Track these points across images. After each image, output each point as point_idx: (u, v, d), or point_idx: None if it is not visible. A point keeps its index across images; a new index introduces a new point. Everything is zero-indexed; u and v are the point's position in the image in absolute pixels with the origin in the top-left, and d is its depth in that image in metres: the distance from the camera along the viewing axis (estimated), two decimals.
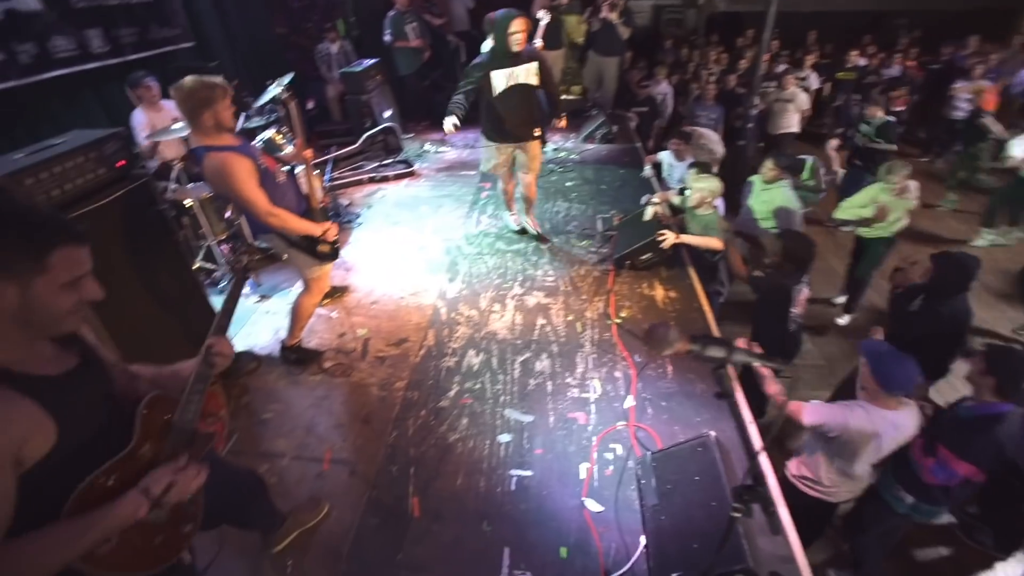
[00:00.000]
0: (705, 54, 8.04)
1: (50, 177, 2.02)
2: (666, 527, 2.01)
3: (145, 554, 1.18)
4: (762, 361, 1.00)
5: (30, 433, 0.97)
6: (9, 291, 0.94)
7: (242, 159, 2.29)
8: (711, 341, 1.04)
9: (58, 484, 1.03)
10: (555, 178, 5.41)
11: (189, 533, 1.29)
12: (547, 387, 2.86)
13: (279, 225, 2.44)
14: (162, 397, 1.27)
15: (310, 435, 2.64)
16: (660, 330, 1.07)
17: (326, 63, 6.57)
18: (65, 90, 3.93)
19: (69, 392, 1.06)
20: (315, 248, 2.66)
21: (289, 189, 2.60)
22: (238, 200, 2.33)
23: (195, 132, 2.28)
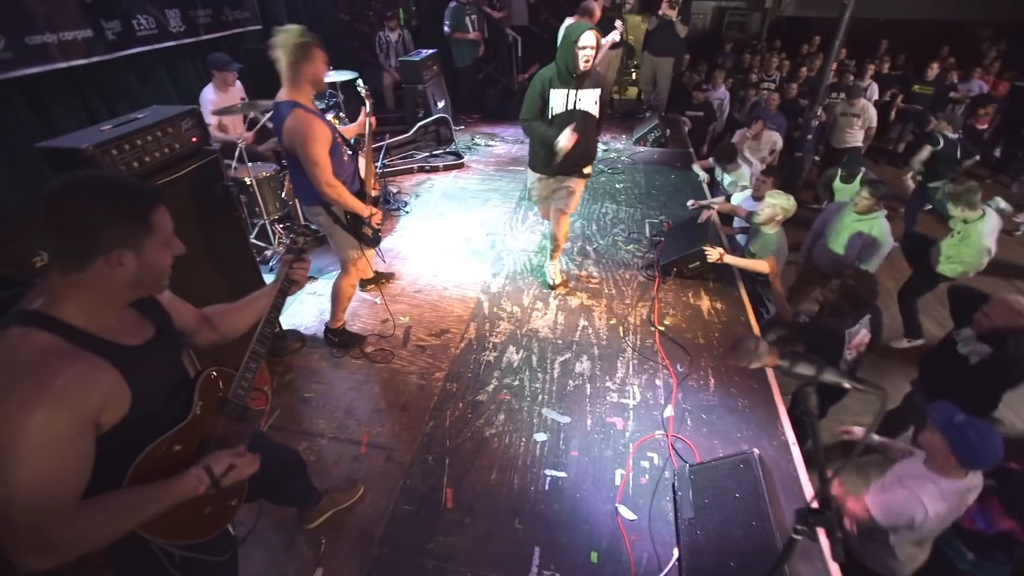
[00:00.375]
0: (766, 60, 7.77)
1: (132, 149, 2.11)
2: (701, 542, 1.97)
3: (195, 523, 1.23)
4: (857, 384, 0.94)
5: (110, 399, 1.01)
6: (128, 258, 1.01)
7: (324, 126, 2.37)
8: (801, 357, 1.00)
9: (123, 450, 1.08)
10: (604, 179, 5.35)
11: (235, 507, 1.33)
12: (586, 389, 2.84)
13: (334, 196, 2.48)
14: (219, 370, 1.32)
15: (349, 417, 2.69)
16: (749, 342, 1.04)
17: (384, 51, 6.67)
18: (142, 66, 4.13)
19: (146, 363, 1.11)
20: (359, 229, 2.71)
21: (349, 169, 2.65)
22: (307, 160, 2.37)
23: (289, 87, 2.33)
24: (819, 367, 0.98)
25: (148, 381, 1.10)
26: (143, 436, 1.12)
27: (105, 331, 1.04)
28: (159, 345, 1.18)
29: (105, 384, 1.00)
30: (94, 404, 0.98)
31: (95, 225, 0.97)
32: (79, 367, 0.96)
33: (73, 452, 0.96)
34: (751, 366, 1.06)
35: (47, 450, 0.91)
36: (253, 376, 1.35)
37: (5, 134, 3.21)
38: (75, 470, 0.97)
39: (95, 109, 3.81)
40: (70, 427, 0.94)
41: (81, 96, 3.74)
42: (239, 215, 2.70)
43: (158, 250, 1.07)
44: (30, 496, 0.91)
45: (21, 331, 0.96)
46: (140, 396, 1.06)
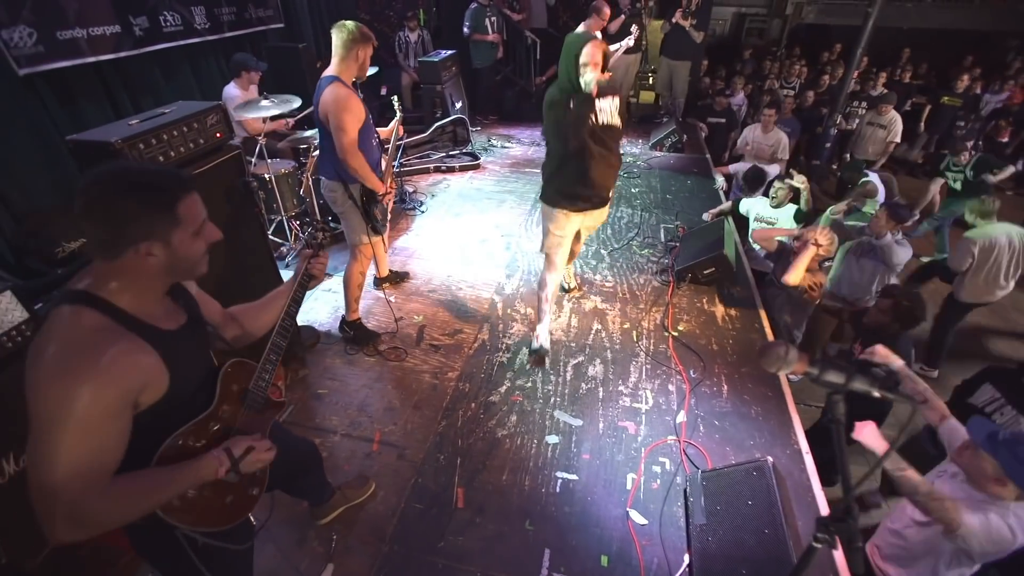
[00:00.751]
0: (786, 67, 7.70)
1: (159, 143, 2.14)
2: (713, 549, 1.96)
3: (218, 510, 1.26)
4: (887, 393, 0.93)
5: (151, 380, 1.05)
6: (157, 250, 1.03)
7: (360, 104, 2.58)
8: (830, 365, 0.99)
9: (153, 432, 1.11)
10: (620, 183, 5.32)
11: (256, 496, 1.36)
12: (598, 393, 2.83)
13: (355, 165, 2.61)
14: (241, 362, 1.35)
15: (362, 414, 2.71)
16: (779, 348, 1.03)
17: (404, 51, 6.72)
18: (167, 62, 4.20)
19: (182, 347, 1.14)
20: (370, 210, 2.82)
21: (375, 155, 2.79)
22: (337, 128, 2.53)
23: (337, 65, 2.57)
24: (849, 375, 0.97)
25: (184, 365, 1.13)
26: (174, 419, 1.16)
27: (145, 314, 1.07)
28: (190, 331, 1.21)
29: (147, 365, 1.04)
30: (137, 383, 1.02)
31: (122, 218, 1.00)
32: (124, 347, 1.00)
33: (114, 428, 1.00)
34: (780, 372, 1.05)
35: (92, 424, 0.95)
36: (274, 368, 1.38)
37: (33, 126, 3.28)
38: (114, 446, 1.01)
39: (120, 103, 3.88)
40: (114, 403, 0.98)
41: (108, 90, 3.81)
42: (259, 210, 2.73)
43: (187, 240, 1.08)
44: (72, 467, 0.94)
45: (71, 309, 1.00)
46: (177, 379, 1.10)
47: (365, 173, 2.67)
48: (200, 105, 2.43)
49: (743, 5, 8.94)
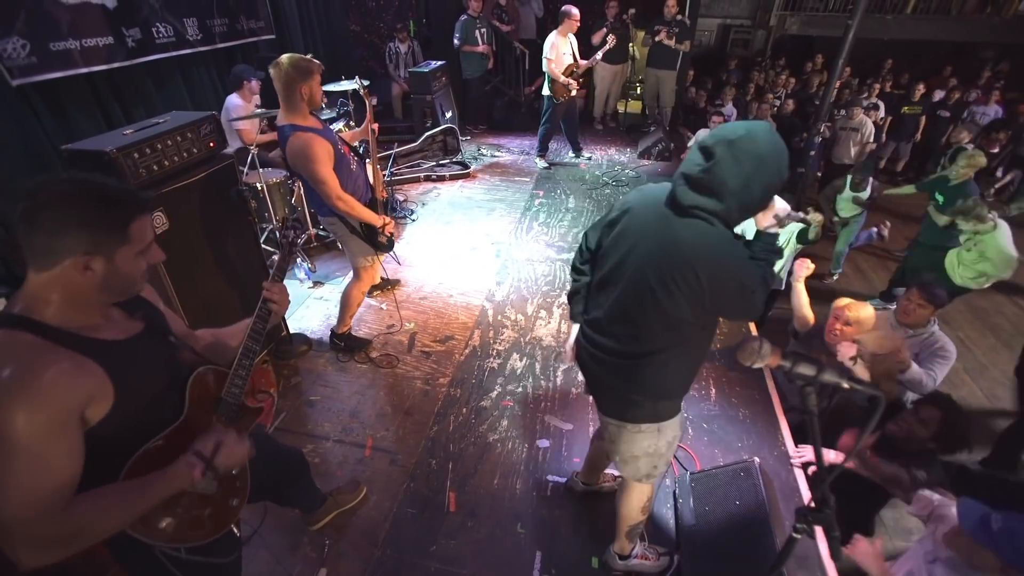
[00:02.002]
0: (770, 77, 7.87)
1: (153, 152, 2.17)
2: (701, 548, 2.00)
3: (196, 524, 1.23)
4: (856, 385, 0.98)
5: (95, 393, 1.02)
6: (97, 264, 1.02)
7: (324, 142, 2.40)
8: (802, 358, 1.04)
9: (113, 449, 1.08)
10: (609, 191, 5.42)
11: (236, 507, 1.33)
12: (588, 397, 2.86)
13: (345, 209, 2.54)
14: (212, 370, 1.32)
15: (354, 420, 2.73)
16: (753, 343, 1.07)
17: (394, 62, 6.80)
18: (159, 73, 4.22)
19: (131, 357, 1.11)
20: (374, 237, 2.77)
21: (359, 177, 2.71)
22: (313, 180, 2.43)
23: (286, 108, 2.39)
24: (819, 368, 1.02)
25: (132, 375, 1.10)
26: (134, 432, 1.12)
27: (84, 328, 1.06)
28: (145, 341, 1.19)
29: (88, 380, 1.02)
30: (79, 400, 1.00)
31: (69, 227, 0.98)
32: (62, 366, 0.98)
33: (61, 448, 0.98)
34: (755, 366, 1.09)
35: (33, 448, 0.93)
36: (247, 374, 1.34)
37: (24, 136, 3.28)
38: (64, 466, 0.98)
39: (112, 113, 3.89)
40: (55, 424, 0.96)
41: (99, 100, 3.82)
42: (251, 219, 2.75)
43: (131, 259, 1.06)
44: (21, 493, 0.93)
45: (4, 334, 0.98)
46: (124, 389, 1.07)
47: (358, 212, 2.59)
48: (194, 115, 2.47)
49: (728, 16, 9.14)
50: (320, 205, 2.63)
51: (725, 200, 1.30)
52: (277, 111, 2.51)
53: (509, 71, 7.52)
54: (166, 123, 2.35)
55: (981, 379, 4.11)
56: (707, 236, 1.32)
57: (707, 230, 1.32)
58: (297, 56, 2.38)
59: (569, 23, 5.21)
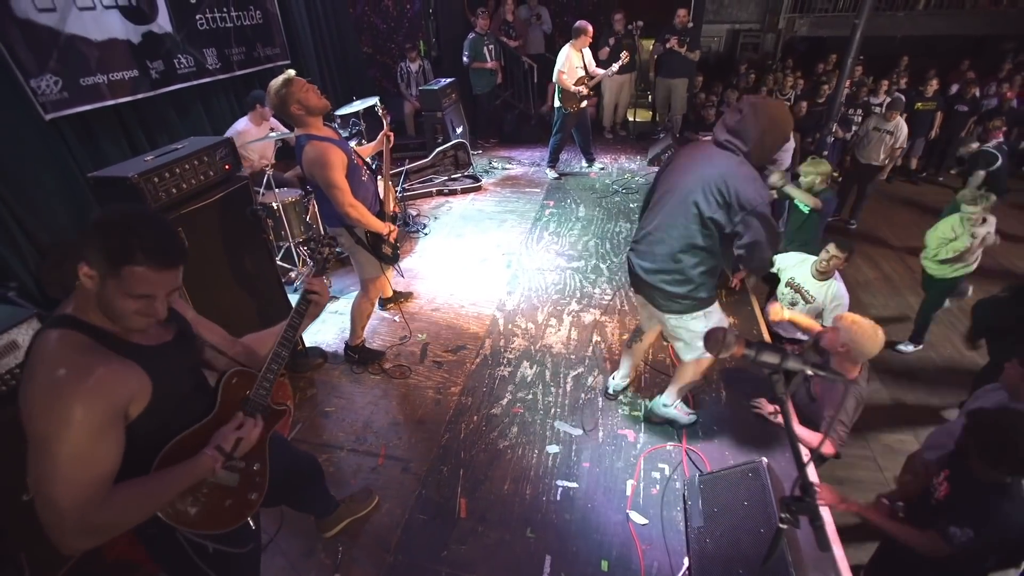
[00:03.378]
0: (780, 79, 7.81)
1: (171, 177, 2.30)
2: (710, 550, 1.98)
3: (217, 514, 1.32)
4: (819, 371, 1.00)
5: (137, 392, 1.12)
6: (93, 276, 1.08)
7: (338, 151, 2.49)
8: (765, 347, 1.07)
9: (145, 444, 1.18)
10: (619, 199, 5.44)
11: (255, 501, 1.42)
12: (598, 403, 2.88)
13: (355, 217, 2.61)
14: (244, 372, 1.43)
15: (368, 430, 2.79)
16: (718, 333, 1.11)
17: (405, 81, 6.98)
18: (181, 101, 4.43)
19: (162, 361, 1.21)
20: (379, 248, 2.85)
21: (369, 189, 2.80)
22: (326, 186, 2.50)
23: (296, 125, 2.51)
24: (783, 355, 1.04)
25: (168, 377, 1.20)
26: (166, 428, 1.22)
27: (122, 332, 1.15)
28: (174, 347, 1.28)
29: (131, 379, 1.11)
30: (124, 397, 1.10)
31: (91, 239, 1.07)
32: (110, 364, 1.08)
33: (107, 441, 1.08)
34: (721, 355, 1.12)
35: (85, 439, 1.03)
36: (275, 377, 1.44)
37: (56, 165, 3.48)
38: (108, 457, 1.08)
39: (137, 141, 4.09)
40: (104, 418, 1.06)
41: (125, 129, 4.03)
42: (267, 237, 2.86)
43: (117, 294, 1.08)
44: (73, 480, 1.02)
45: (58, 333, 1.08)
46: (160, 389, 1.17)
47: (367, 220, 2.66)
48: (210, 140, 2.60)
49: (736, 22, 9.13)
50: (329, 216, 2.73)
51: (748, 143, 1.93)
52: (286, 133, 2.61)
53: (518, 85, 7.65)
54: (184, 148, 2.49)
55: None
56: (740, 165, 1.94)
57: (740, 160, 1.94)
58: (274, 83, 2.41)
59: (584, 38, 5.31)
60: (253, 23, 5.03)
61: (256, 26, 5.07)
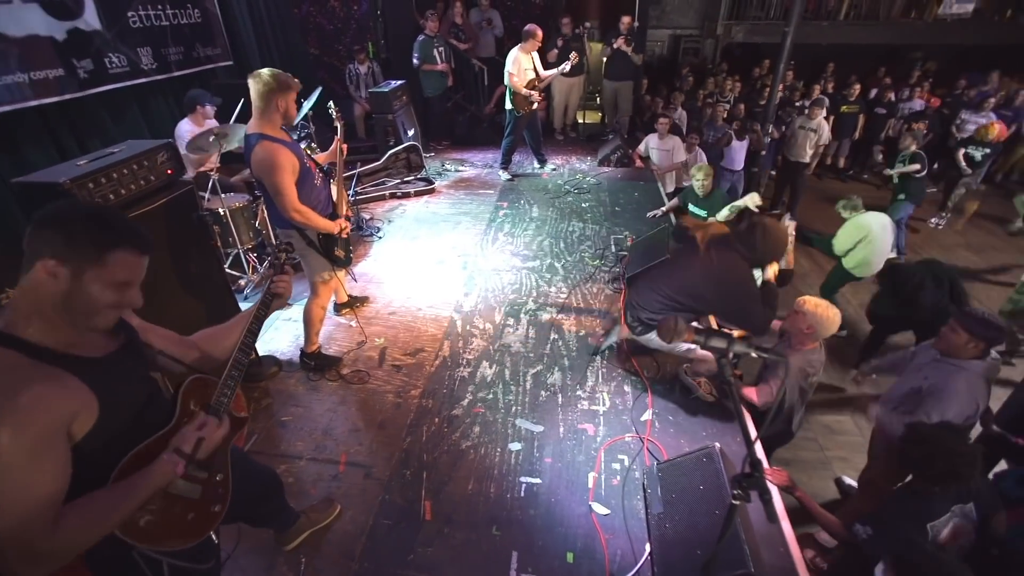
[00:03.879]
0: (719, 82, 8.22)
1: (108, 182, 2.19)
2: (670, 534, 2.07)
3: (179, 528, 1.27)
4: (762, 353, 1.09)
5: (80, 409, 1.05)
6: (62, 273, 1.02)
7: (289, 154, 2.47)
8: (713, 333, 1.15)
9: (101, 460, 1.12)
10: (571, 199, 5.55)
11: (218, 512, 1.37)
12: (558, 399, 2.95)
13: (301, 221, 2.59)
14: (203, 379, 1.38)
15: (327, 438, 2.74)
16: (669, 322, 1.18)
17: (354, 83, 6.86)
18: (114, 103, 4.20)
19: (110, 373, 1.14)
20: (331, 250, 2.83)
21: (322, 192, 2.78)
22: (273, 189, 2.47)
23: (258, 118, 2.46)
24: (729, 341, 1.12)
25: (114, 389, 1.13)
26: (123, 442, 1.16)
27: (64, 344, 1.07)
28: (122, 356, 1.21)
29: (72, 396, 1.04)
30: (63, 416, 1.02)
31: (51, 229, 1.01)
32: (45, 384, 1.00)
33: (47, 465, 1.00)
34: (672, 342, 1.19)
35: (20, 466, 0.95)
36: (236, 384, 1.40)
37: None
38: (51, 480, 1.01)
39: (67, 146, 3.85)
40: (40, 442, 0.98)
41: (52, 133, 3.79)
42: (214, 244, 2.76)
43: (99, 284, 1.06)
44: (12, 510, 0.95)
45: None
46: (108, 403, 1.09)
47: (315, 222, 2.64)
48: (149, 143, 2.49)
49: (677, 27, 9.51)
50: (278, 217, 2.68)
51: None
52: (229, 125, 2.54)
53: (469, 87, 7.67)
54: (121, 152, 2.38)
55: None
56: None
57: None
58: (278, 71, 2.48)
59: (532, 42, 5.37)
60: (191, 22, 4.83)
61: (195, 25, 4.86)
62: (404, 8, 7.10)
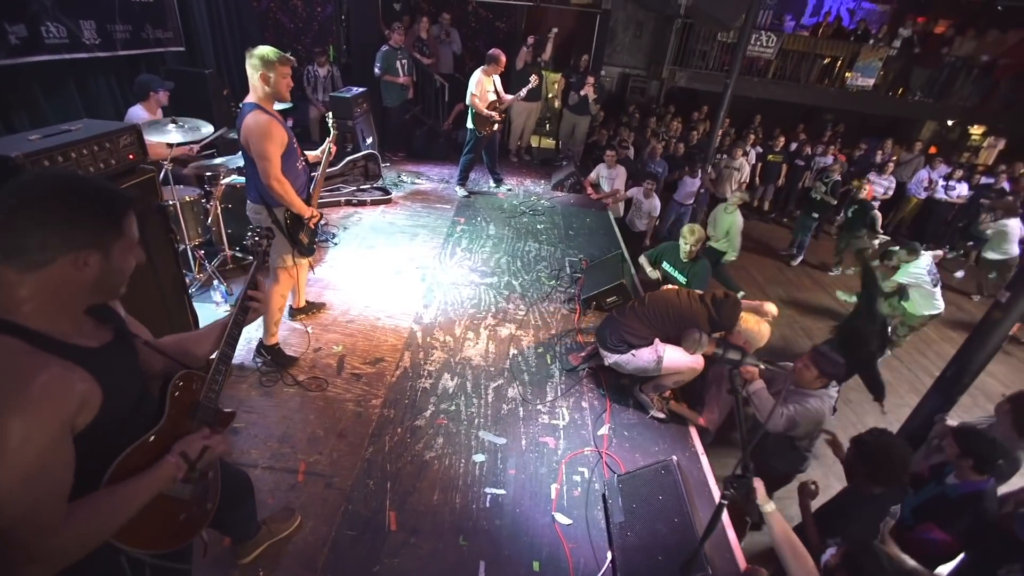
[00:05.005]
0: (664, 121, 8.84)
1: (65, 162, 2.02)
2: (632, 542, 2.19)
3: (170, 530, 1.22)
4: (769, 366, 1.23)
5: (85, 401, 0.99)
6: (94, 259, 0.99)
7: (281, 129, 2.60)
8: (730, 346, 1.29)
9: (96, 454, 1.06)
10: (527, 220, 5.72)
11: (210, 511, 1.33)
12: (519, 412, 3.02)
13: (280, 191, 2.63)
14: (191, 374, 1.32)
15: (284, 446, 2.63)
16: (695, 334, 1.30)
17: (312, 85, 6.70)
18: (46, 76, 3.84)
19: (109, 364, 1.09)
20: (296, 234, 2.85)
21: (301, 179, 2.83)
22: (259, 154, 2.55)
23: (253, 92, 2.58)
24: (743, 354, 1.27)
25: (117, 381, 1.09)
26: (119, 438, 1.11)
27: (63, 334, 1.02)
28: (117, 348, 1.16)
29: (79, 386, 0.99)
30: (72, 407, 0.97)
31: (70, 221, 0.96)
32: (54, 371, 0.94)
33: (58, 456, 0.95)
34: (696, 353, 1.32)
35: (33, 460, 0.90)
36: (223, 379, 1.37)
37: None
38: (62, 472, 0.96)
39: None
40: (53, 433, 0.93)
41: None
42: (173, 236, 2.61)
43: (125, 254, 1.06)
44: (22, 507, 0.89)
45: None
46: (110, 396, 1.05)
47: (290, 198, 2.70)
48: (111, 125, 2.36)
49: (627, 66, 10.12)
50: (251, 189, 2.74)
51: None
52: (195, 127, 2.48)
53: (429, 102, 7.72)
54: (79, 131, 2.21)
55: None
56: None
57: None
58: (271, 48, 2.57)
59: (495, 67, 5.53)
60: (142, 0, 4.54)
61: (146, 4, 4.58)
62: (369, 15, 7.06)
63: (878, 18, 11.31)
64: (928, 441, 3.09)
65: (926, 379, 5.36)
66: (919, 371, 5.60)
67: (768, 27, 9.89)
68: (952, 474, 2.25)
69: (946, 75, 9.66)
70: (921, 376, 5.49)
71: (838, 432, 2.77)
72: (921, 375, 5.52)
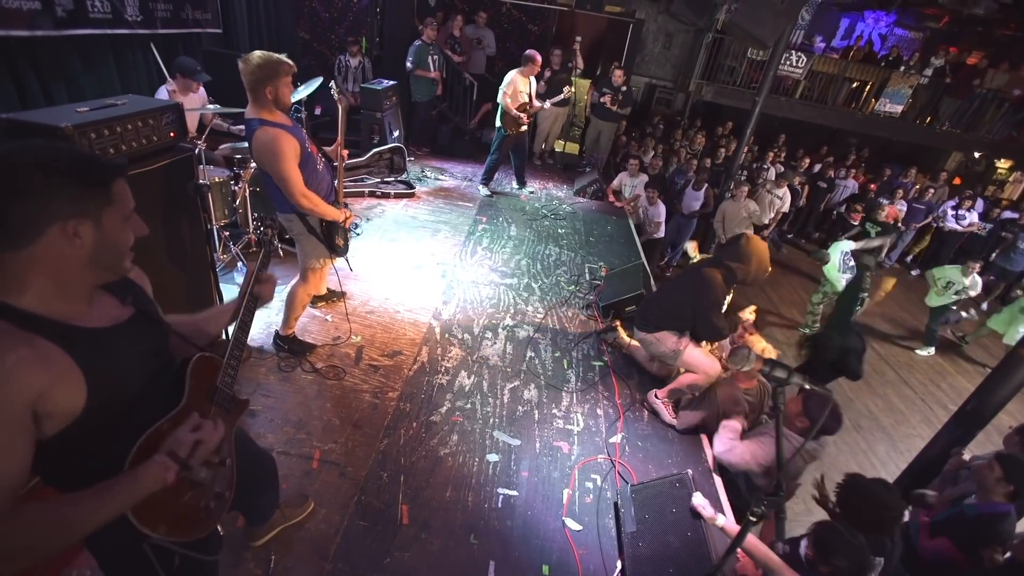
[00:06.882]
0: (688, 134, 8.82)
1: (111, 135, 2.05)
2: (644, 553, 2.18)
3: (199, 516, 1.20)
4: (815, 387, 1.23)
5: (52, 383, 0.91)
6: (86, 230, 0.94)
7: (291, 139, 2.41)
8: (776, 364, 1.29)
9: (105, 438, 1.03)
10: (548, 223, 5.71)
11: (228, 498, 1.31)
12: (534, 415, 3.01)
13: (308, 207, 2.53)
14: (208, 357, 1.29)
15: (300, 432, 2.64)
16: (743, 351, 1.30)
17: (343, 75, 6.74)
18: (87, 50, 3.90)
19: (109, 345, 1.03)
20: (332, 238, 2.78)
21: (325, 178, 2.74)
22: (277, 175, 2.42)
23: (253, 104, 2.38)
24: (789, 372, 1.27)
25: (109, 365, 1.02)
26: (128, 420, 1.06)
27: (58, 313, 0.96)
28: (132, 328, 1.11)
29: (44, 369, 0.91)
30: (30, 393, 0.89)
31: (52, 190, 0.90)
32: (21, 353, 0.88)
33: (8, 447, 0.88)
34: (743, 369, 1.31)
35: None
36: (238, 364, 1.35)
37: None
38: (11, 467, 0.88)
39: (27, 87, 3.53)
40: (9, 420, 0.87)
41: (13, 70, 3.46)
42: (205, 215, 2.64)
43: (118, 224, 1.00)
44: None
45: None
46: (98, 382, 0.98)
47: (321, 209, 2.60)
48: (155, 101, 2.40)
49: (655, 77, 10.13)
50: (281, 202, 2.61)
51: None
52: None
53: (457, 99, 7.74)
54: (125, 106, 2.24)
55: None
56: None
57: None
58: (267, 55, 2.35)
59: (532, 67, 5.54)
60: None
61: None
62: (404, 10, 7.10)
63: (909, 45, 11.25)
64: (943, 474, 3.05)
65: (939, 411, 5.33)
66: (933, 403, 5.54)
67: (798, 47, 9.85)
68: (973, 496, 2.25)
69: (976, 106, 9.56)
70: (935, 408, 5.44)
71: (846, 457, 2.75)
72: (935, 407, 5.47)
